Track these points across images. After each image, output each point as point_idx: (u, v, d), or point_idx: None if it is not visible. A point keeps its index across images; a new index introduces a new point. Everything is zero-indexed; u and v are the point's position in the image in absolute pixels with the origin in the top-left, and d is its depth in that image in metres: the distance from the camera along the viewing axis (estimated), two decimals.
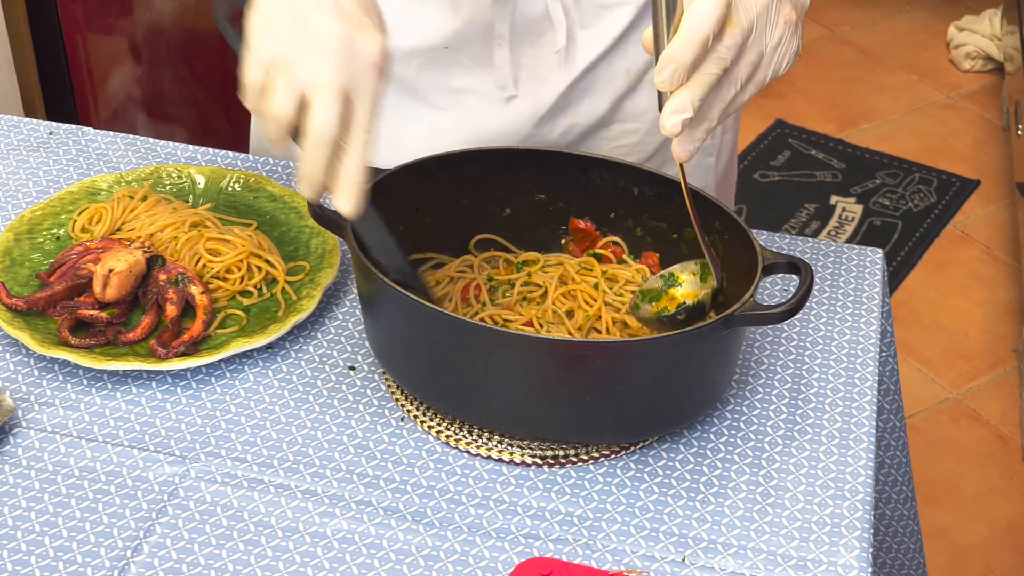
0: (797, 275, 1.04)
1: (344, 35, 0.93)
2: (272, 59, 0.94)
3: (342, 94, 0.93)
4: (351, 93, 0.94)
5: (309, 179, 0.96)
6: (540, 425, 1.04)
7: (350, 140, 0.95)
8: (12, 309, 1.12)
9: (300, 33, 0.94)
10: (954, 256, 2.91)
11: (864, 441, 1.07)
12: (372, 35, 0.95)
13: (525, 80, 1.31)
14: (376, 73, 0.95)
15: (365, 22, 0.95)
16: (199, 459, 1.04)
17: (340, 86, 0.93)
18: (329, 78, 0.93)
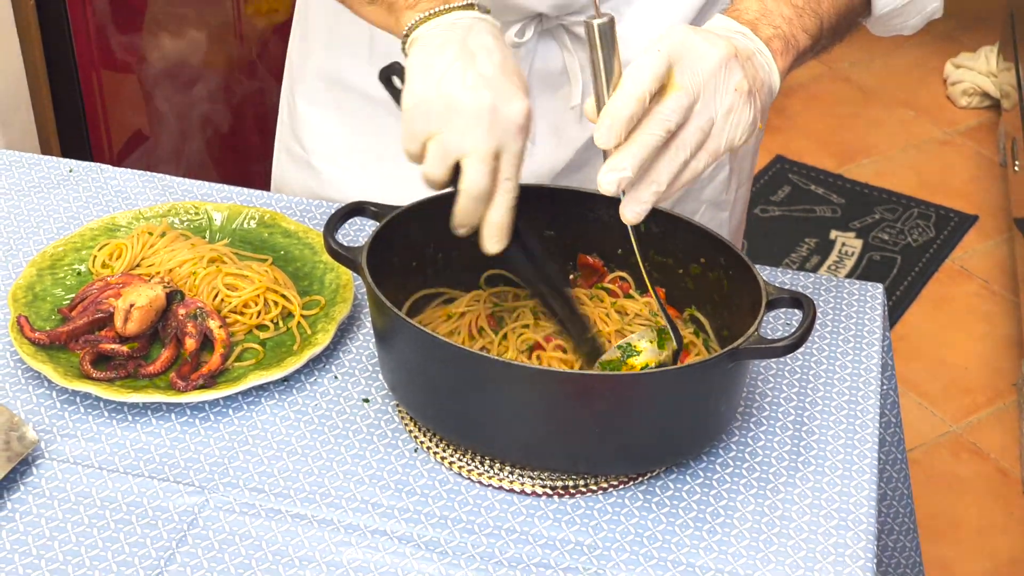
0: (800, 310, 1.07)
1: (488, 106, 1.01)
2: (425, 133, 1.02)
3: (491, 157, 1.02)
4: (498, 152, 1.02)
5: (462, 225, 1.05)
6: (550, 456, 1.06)
7: (497, 191, 1.03)
8: (35, 343, 1.15)
9: (448, 110, 1.01)
10: (953, 291, 2.94)
11: (867, 472, 1.10)
12: (515, 101, 1.02)
13: (542, 133, 1.33)
14: (519, 133, 1.02)
15: (507, 88, 1.02)
16: (218, 489, 1.06)
17: (488, 151, 1.02)
18: (476, 145, 1.01)
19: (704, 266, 1.17)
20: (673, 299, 1.20)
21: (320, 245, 1.29)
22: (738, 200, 1.49)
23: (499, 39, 1.05)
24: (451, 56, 1.02)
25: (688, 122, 0.98)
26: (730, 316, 1.15)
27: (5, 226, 1.35)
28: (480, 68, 1.02)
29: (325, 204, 1.40)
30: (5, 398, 1.14)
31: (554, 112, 1.33)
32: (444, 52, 1.03)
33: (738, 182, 1.47)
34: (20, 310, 1.19)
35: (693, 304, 1.19)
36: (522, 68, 1.30)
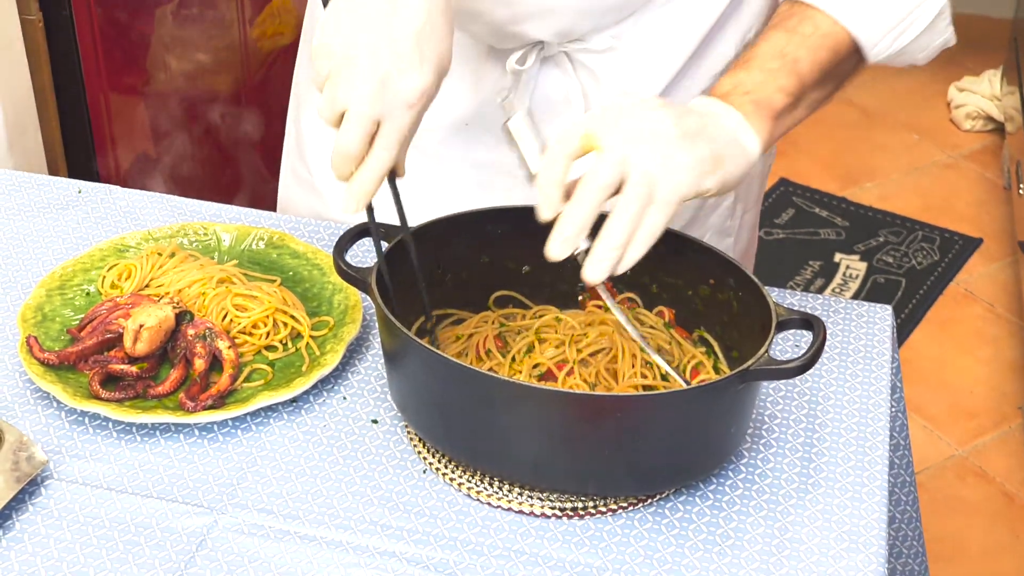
0: (809, 331, 1.07)
1: (381, 74, 1.01)
2: (324, 73, 1.04)
3: (369, 121, 1.02)
4: (381, 120, 1.02)
5: (336, 173, 1.05)
6: (560, 477, 1.06)
7: (370, 154, 1.04)
8: (44, 363, 1.15)
9: (344, 61, 1.02)
10: (958, 314, 2.94)
11: (876, 494, 1.10)
12: (411, 75, 1.02)
13: None
14: (406, 109, 1.03)
15: (411, 58, 1.02)
16: (227, 510, 1.06)
17: (367, 114, 1.02)
18: (358, 106, 1.02)
19: (714, 287, 1.17)
20: (683, 320, 1.20)
21: (328, 266, 1.29)
22: (743, 226, 1.49)
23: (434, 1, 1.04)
24: (373, 5, 1.03)
25: (627, 178, 0.99)
26: (740, 337, 1.15)
27: (15, 246, 1.35)
28: (394, 27, 1.02)
29: (333, 225, 1.40)
30: (14, 418, 1.14)
31: None
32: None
33: (743, 208, 1.48)
34: (30, 330, 1.19)
35: (703, 325, 1.19)
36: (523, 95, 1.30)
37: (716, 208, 1.44)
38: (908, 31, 1.18)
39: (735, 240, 1.48)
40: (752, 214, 1.51)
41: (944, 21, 1.20)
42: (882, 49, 1.19)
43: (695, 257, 1.18)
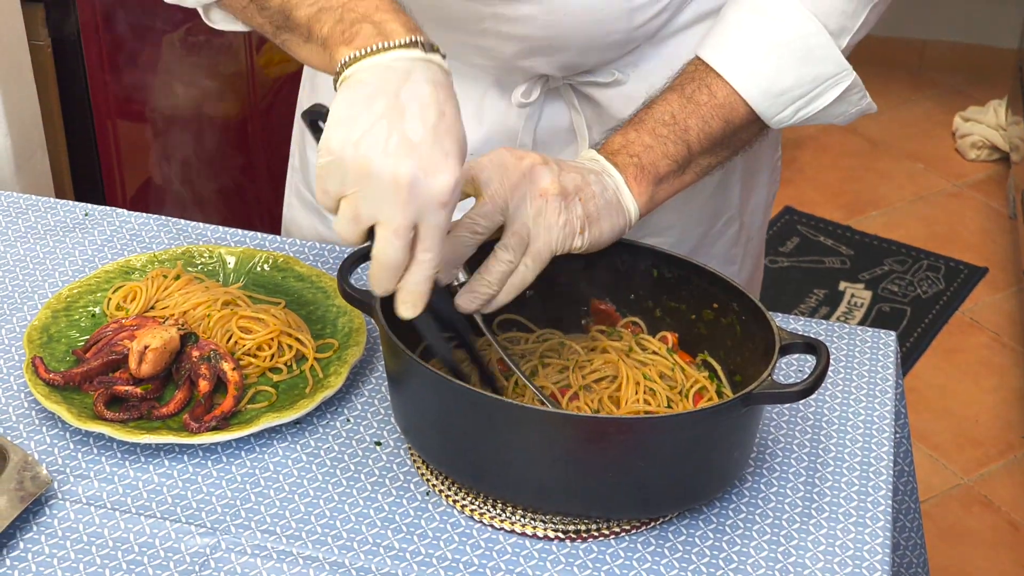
0: (813, 355, 1.07)
1: (408, 179, 0.93)
2: (338, 193, 0.96)
3: (406, 230, 0.95)
4: (417, 224, 0.96)
5: (378, 288, 1.00)
6: (563, 500, 1.06)
7: (414, 261, 0.98)
8: (49, 384, 1.15)
9: (362, 176, 0.94)
10: (963, 343, 2.94)
11: (881, 520, 1.09)
12: (439, 174, 0.95)
13: None
14: (440, 208, 0.95)
15: (434, 156, 0.95)
16: (230, 531, 1.06)
17: (403, 224, 0.95)
18: (390, 217, 0.94)
19: (717, 311, 1.17)
20: (686, 344, 1.20)
21: (333, 289, 1.29)
22: (748, 254, 1.50)
23: (440, 88, 0.97)
24: (378, 111, 0.94)
25: (505, 228, 1.06)
26: (743, 361, 1.15)
27: (21, 268, 1.35)
28: (408, 129, 0.94)
29: (338, 248, 1.40)
30: (19, 438, 1.14)
31: None
32: (371, 105, 0.94)
33: (748, 236, 1.48)
34: (35, 351, 1.19)
35: (706, 349, 1.19)
36: (528, 126, 1.31)
37: (722, 236, 1.44)
38: (813, 104, 1.20)
39: (740, 268, 1.48)
40: (757, 242, 1.51)
41: (858, 94, 1.21)
42: (784, 119, 1.21)
43: (698, 281, 1.18)
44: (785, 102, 1.19)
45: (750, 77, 1.18)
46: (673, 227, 1.39)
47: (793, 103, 1.19)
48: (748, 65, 1.18)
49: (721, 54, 1.19)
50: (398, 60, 0.97)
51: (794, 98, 1.19)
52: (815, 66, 1.18)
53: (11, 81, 1.87)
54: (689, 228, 1.40)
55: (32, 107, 1.94)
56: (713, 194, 1.40)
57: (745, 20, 1.19)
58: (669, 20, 1.27)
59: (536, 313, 1.24)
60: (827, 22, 1.18)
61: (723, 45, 1.19)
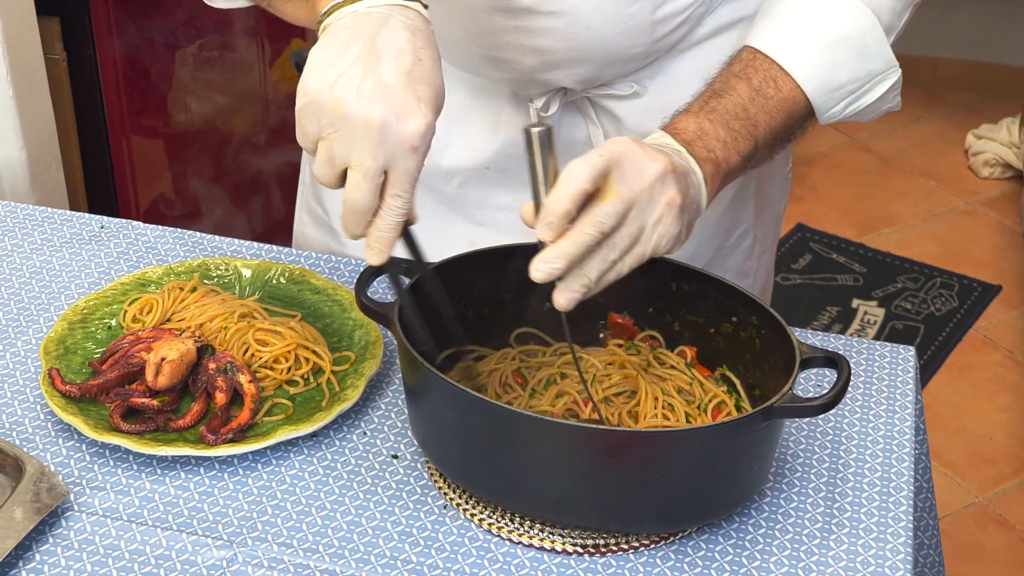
0: (834, 369, 1.06)
1: (378, 122, 0.96)
2: (315, 134, 0.99)
3: (376, 173, 0.98)
4: (387, 168, 0.98)
5: (348, 232, 1.02)
6: (581, 513, 1.05)
7: (383, 205, 1.00)
8: (66, 396, 1.15)
9: (336, 117, 0.97)
10: (977, 360, 2.93)
11: (902, 535, 1.09)
12: (410, 118, 0.97)
13: None
14: (411, 152, 0.98)
15: (406, 101, 0.97)
16: (246, 544, 1.06)
17: (373, 166, 0.98)
18: (360, 159, 0.97)
19: (736, 325, 1.17)
20: (704, 358, 1.20)
21: (349, 302, 1.29)
22: (761, 267, 1.49)
23: (417, 34, 0.99)
24: (353, 55, 0.97)
25: (620, 227, 1.01)
26: (762, 376, 1.14)
27: (37, 280, 1.35)
28: (382, 74, 0.96)
29: (354, 262, 1.40)
30: (36, 450, 1.14)
31: None
32: (348, 48, 0.97)
33: (762, 249, 1.48)
34: (51, 363, 1.19)
35: (725, 363, 1.19)
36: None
37: (736, 249, 1.44)
38: (862, 99, 1.19)
39: (753, 280, 1.48)
40: (769, 256, 1.51)
41: (896, 90, 1.21)
42: (834, 115, 1.20)
43: (717, 295, 1.18)
44: (838, 97, 1.18)
45: (811, 71, 1.16)
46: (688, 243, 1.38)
47: (845, 98, 1.18)
48: (809, 59, 1.16)
49: (783, 47, 1.16)
50: (377, 7, 0.99)
51: (847, 93, 1.18)
52: (870, 62, 1.17)
53: (27, 95, 1.88)
54: (705, 241, 1.40)
55: (47, 120, 1.94)
56: (729, 207, 1.40)
57: (803, 12, 1.17)
58: (688, 33, 1.27)
59: (553, 326, 1.23)
60: (880, 18, 1.17)
61: (784, 37, 1.16)
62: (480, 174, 1.35)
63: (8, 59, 1.81)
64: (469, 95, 1.32)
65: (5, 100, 1.83)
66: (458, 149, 1.34)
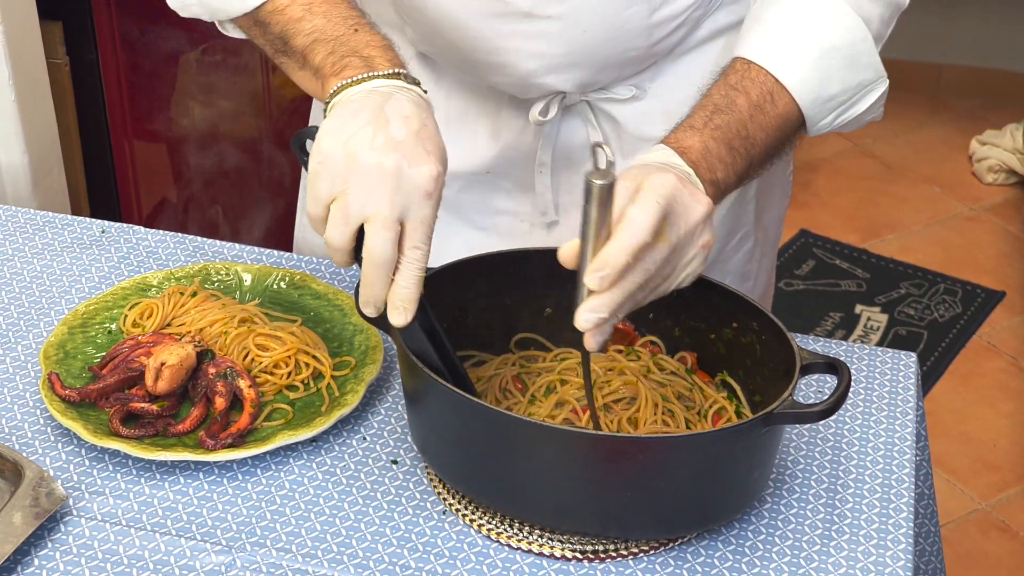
0: (834, 375, 1.06)
1: (393, 169, 0.98)
2: (329, 195, 1.00)
3: (393, 222, 0.98)
4: (403, 218, 0.99)
5: (371, 299, 1.01)
6: (581, 519, 1.05)
7: (403, 259, 1.00)
8: (65, 400, 1.15)
9: (351, 171, 0.99)
10: (980, 367, 2.92)
11: (902, 542, 1.08)
12: (422, 165, 0.99)
13: (567, 206, 1.34)
14: (426, 199, 0.99)
15: (417, 152, 0.99)
16: (245, 549, 1.05)
17: (390, 216, 0.98)
18: (377, 209, 0.98)
19: (736, 331, 1.16)
20: (705, 364, 1.20)
21: (349, 307, 1.29)
22: (762, 270, 1.49)
23: (421, 108, 1.03)
24: (364, 119, 1.00)
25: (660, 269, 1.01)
26: (763, 381, 1.14)
27: (38, 285, 1.35)
28: (392, 131, 1.00)
29: (354, 267, 1.39)
30: (35, 455, 1.14)
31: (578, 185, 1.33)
32: (358, 116, 1.01)
33: (762, 252, 1.47)
34: (51, 367, 1.19)
35: (725, 369, 1.19)
36: (547, 142, 1.30)
37: (737, 252, 1.44)
38: (851, 110, 1.18)
39: (754, 283, 1.48)
40: (770, 258, 1.51)
41: (882, 101, 1.20)
42: (823, 127, 1.19)
43: (718, 300, 1.17)
44: (829, 108, 1.17)
45: (806, 83, 1.14)
46: None
47: (835, 109, 1.17)
48: (803, 70, 1.14)
49: (778, 58, 1.14)
50: (383, 86, 1.04)
51: (837, 104, 1.17)
52: (860, 72, 1.16)
53: (29, 99, 1.88)
54: None
55: (49, 125, 1.95)
56: (730, 211, 1.40)
57: (794, 20, 1.15)
58: (686, 36, 1.27)
59: (554, 331, 1.23)
60: (870, 26, 1.16)
61: (777, 48, 1.14)
62: (480, 179, 1.35)
63: (10, 63, 1.81)
64: (469, 100, 1.32)
65: (7, 104, 1.83)
66: (458, 153, 1.34)
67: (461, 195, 1.36)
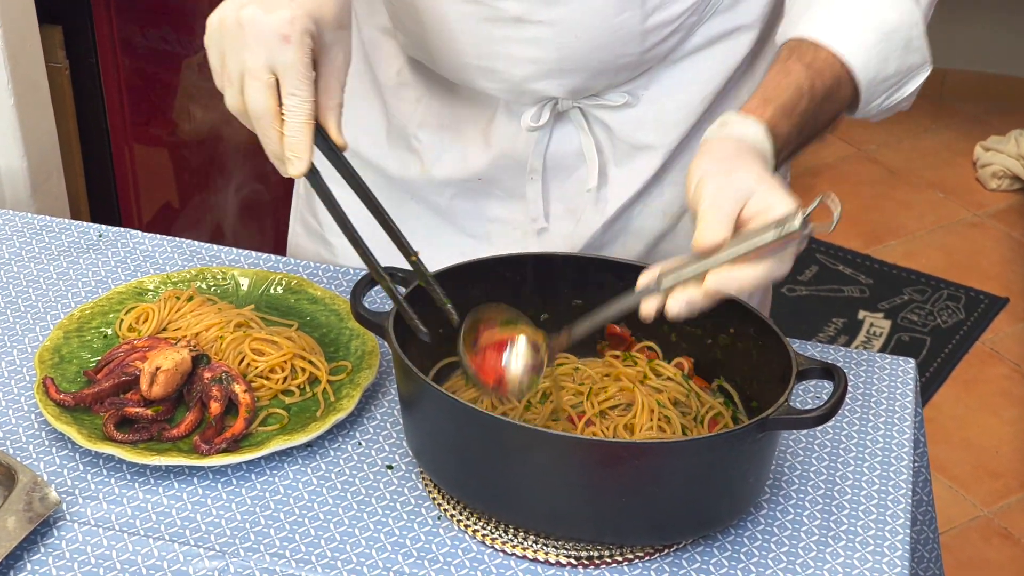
0: (830, 381, 1.06)
1: (248, 19, 1.01)
2: (217, 65, 1.04)
3: (261, 71, 1.01)
4: (272, 68, 1.01)
5: (271, 154, 1.04)
6: (576, 525, 1.05)
7: (284, 109, 1.02)
8: (60, 404, 1.15)
9: (222, 34, 1.03)
10: (983, 373, 2.91)
11: (899, 548, 1.08)
12: (276, 11, 1.01)
13: (558, 214, 1.33)
14: (283, 43, 1.01)
15: (278, 2, 1.02)
16: (238, 554, 1.05)
17: (255, 65, 1.01)
18: (243, 61, 1.01)
19: (733, 336, 1.16)
20: (701, 369, 1.19)
21: (346, 311, 1.29)
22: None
23: None
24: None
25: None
26: (759, 387, 1.14)
27: (34, 289, 1.35)
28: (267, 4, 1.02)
29: (352, 271, 1.40)
30: (29, 459, 1.13)
31: (571, 195, 1.33)
32: None
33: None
34: (46, 372, 1.19)
35: (722, 374, 1.18)
36: (538, 150, 1.29)
37: None
38: (897, 93, 1.15)
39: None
40: None
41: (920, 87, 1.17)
42: (871, 110, 1.16)
43: (715, 306, 1.17)
44: (881, 91, 1.14)
45: (868, 65, 1.12)
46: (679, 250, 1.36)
47: (885, 91, 1.15)
48: (867, 52, 1.11)
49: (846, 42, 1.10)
50: None
51: (887, 87, 1.14)
52: (912, 55, 1.14)
53: (28, 103, 1.88)
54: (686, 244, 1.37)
55: (49, 129, 1.94)
56: None
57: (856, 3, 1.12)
58: (680, 43, 1.26)
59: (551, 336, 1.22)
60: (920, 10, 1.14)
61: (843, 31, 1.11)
62: (472, 185, 1.35)
63: (10, 67, 1.81)
64: (461, 106, 1.31)
65: (6, 108, 1.83)
66: (450, 160, 1.34)
67: (454, 202, 1.36)
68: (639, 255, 1.36)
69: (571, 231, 1.34)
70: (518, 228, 1.35)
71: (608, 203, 1.32)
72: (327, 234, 1.45)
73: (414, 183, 1.36)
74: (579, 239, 1.34)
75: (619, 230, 1.34)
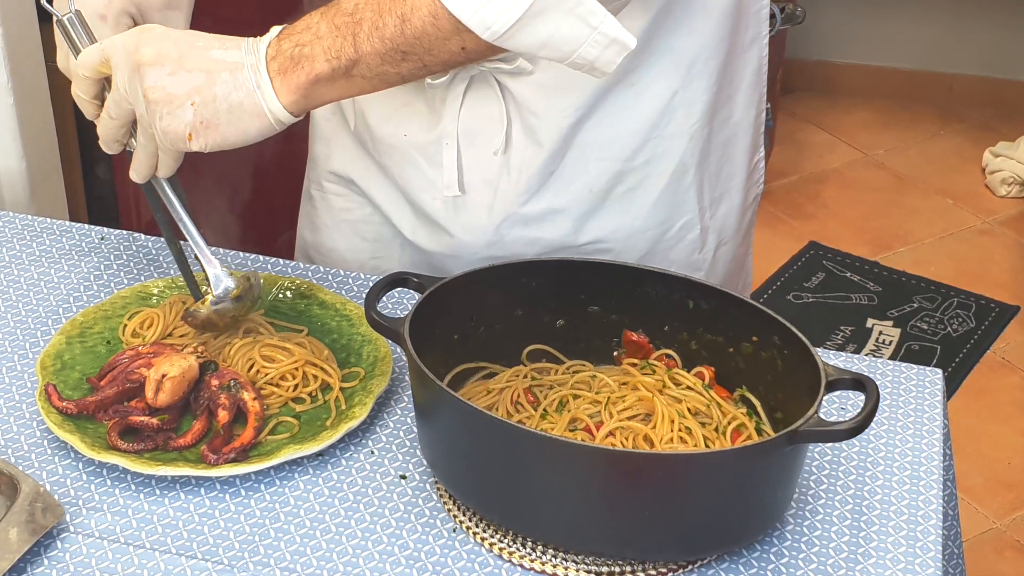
0: (860, 392, 1.02)
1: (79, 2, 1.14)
2: None
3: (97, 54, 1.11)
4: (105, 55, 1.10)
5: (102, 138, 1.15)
6: (597, 539, 1.01)
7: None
8: (63, 412, 1.11)
9: None
10: (994, 383, 2.88)
11: (931, 566, 1.04)
12: None
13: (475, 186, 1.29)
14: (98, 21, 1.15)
15: None
16: (248, 568, 1.02)
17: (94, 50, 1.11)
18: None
19: (756, 345, 1.13)
20: (723, 379, 1.16)
21: (357, 316, 1.25)
22: (719, 260, 1.39)
23: None
24: None
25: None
26: (784, 398, 1.11)
27: (35, 293, 1.32)
28: None
29: (362, 276, 1.36)
30: (31, 469, 1.10)
31: (486, 163, 1.29)
32: None
33: (718, 240, 1.38)
34: (49, 379, 1.15)
35: (744, 384, 1.15)
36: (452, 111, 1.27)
37: (680, 242, 1.34)
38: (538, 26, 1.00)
39: (708, 274, 1.39)
40: (732, 247, 1.41)
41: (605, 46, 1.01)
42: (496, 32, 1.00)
43: (737, 313, 1.14)
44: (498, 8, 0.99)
45: None
46: (618, 230, 1.31)
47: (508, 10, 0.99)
48: None
49: None
50: None
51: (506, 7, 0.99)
52: None
53: (28, 103, 1.86)
54: (635, 235, 1.32)
55: (48, 130, 1.92)
56: (661, 198, 1.32)
57: None
58: None
59: (566, 343, 1.20)
60: None
61: None
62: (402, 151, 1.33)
63: (9, 67, 1.79)
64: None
65: (5, 108, 1.81)
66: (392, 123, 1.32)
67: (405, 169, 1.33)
68: (566, 233, 1.30)
69: (490, 202, 1.30)
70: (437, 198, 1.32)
71: (521, 172, 1.28)
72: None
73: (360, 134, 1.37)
74: (499, 210, 1.29)
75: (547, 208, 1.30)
